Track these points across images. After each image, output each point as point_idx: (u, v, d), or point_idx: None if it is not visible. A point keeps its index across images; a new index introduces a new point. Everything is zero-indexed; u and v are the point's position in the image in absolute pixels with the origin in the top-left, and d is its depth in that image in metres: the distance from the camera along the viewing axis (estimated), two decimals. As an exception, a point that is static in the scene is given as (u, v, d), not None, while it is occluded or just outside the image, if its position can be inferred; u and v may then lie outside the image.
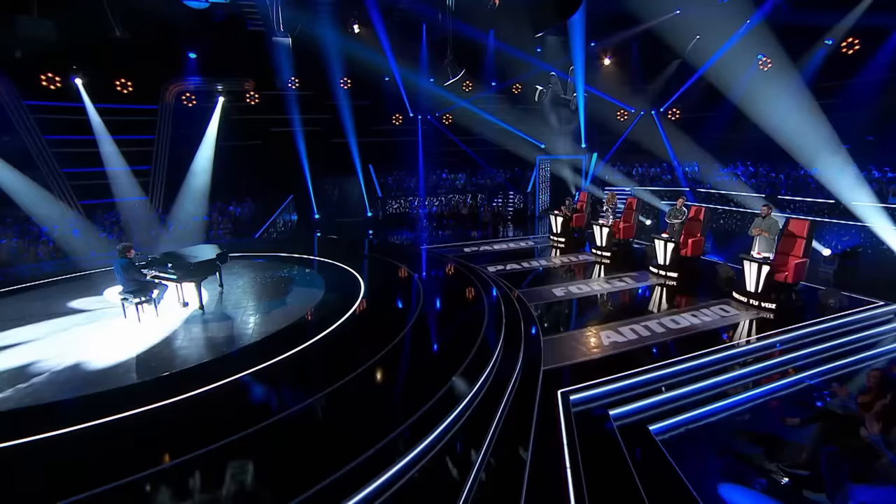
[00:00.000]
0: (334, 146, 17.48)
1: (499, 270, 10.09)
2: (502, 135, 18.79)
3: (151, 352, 6.09)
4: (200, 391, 5.08)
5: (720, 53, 13.80)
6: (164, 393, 5.00)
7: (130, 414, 4.67)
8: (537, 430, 4.53)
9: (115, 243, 12.31)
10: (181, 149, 14.98)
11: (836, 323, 6.96)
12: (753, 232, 7.68)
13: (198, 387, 5.12)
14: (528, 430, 4.52)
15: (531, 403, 4.94)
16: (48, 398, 5.01)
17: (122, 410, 4.70)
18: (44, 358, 5.98)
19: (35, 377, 5.49)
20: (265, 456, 4.08)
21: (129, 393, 5.10)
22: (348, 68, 16.32)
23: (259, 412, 4.77)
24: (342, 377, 5.33)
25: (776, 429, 4.82)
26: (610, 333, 6.72)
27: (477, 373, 5.42)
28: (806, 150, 12.28)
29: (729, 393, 5.48)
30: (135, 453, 4.16)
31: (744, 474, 4.25)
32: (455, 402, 4.84)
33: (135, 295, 6.80)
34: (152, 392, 5.05)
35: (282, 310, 7.46)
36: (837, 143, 11.70)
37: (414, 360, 6.03)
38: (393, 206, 17.89)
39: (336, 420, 4.74)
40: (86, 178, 13.66)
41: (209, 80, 15.17)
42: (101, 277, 9.62)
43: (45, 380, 5.42)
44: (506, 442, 4.34)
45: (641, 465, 4.18)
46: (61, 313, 7.65)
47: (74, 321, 7.30)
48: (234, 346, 6.23)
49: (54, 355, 6.04)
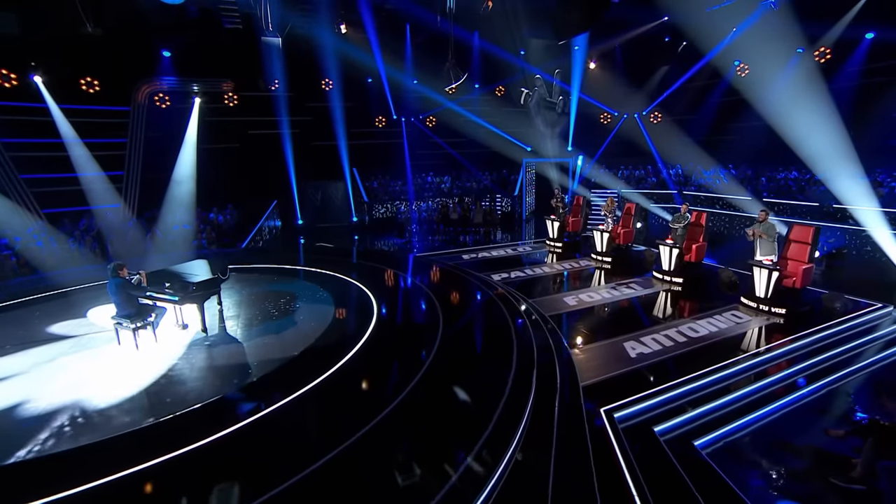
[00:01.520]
0: (316, 149, 16.91)
1: (504, 278, 9.96)
2: (488, 137, 18.73)
3: (160, 384, 5.55)
4: (230, 430, 4.62)
5: (707, 58, 14.14)
6: (186, 436, 4.50)
7: (152, 464, 4.16)
8: (594, 451, 4.40)
9: (90, 255, 11.57)
10: (156, 152, 14.08)
11: (846, 326, 7.20)
12: (749, 233, 7.84)
13: (226, 424, 4.67)
14: (586, 450, 4.40)
15: (580, 426, 4.79)
16: (48, 449, 4.40)
17: (140, 461, 4.15)
18: (33, 397, 5.34)
19: (27, 423, 4.86)
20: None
21: (144, 437, 4.59)
22: (330, 69, 15.80)
23: (295, 451, 4.40)
24: (376, 412, 4.96)
25: (818, 440, 4.88)
26: (634, 344, 6.68)
27: (523, 398, 5.23)
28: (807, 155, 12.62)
29: (762, 402, 5.52)
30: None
31: (795, 489, 4.25)
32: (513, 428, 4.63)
33: (131, 319, 6.23)
34: (173, 435, 4.57)
35: (294, 330, 7.00)
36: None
37: (461, 381, 5.76)
38: (380, 210, 17.47)
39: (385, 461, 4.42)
40: (50, 185, 12.60)
41: (185, 80, 14.32)
42: (79, 296, 8.85)
43: (39, 424, 4.81)
44: (568, 466, 4.17)
45: (699, 485, 4.11)
46: (41, 340, 6.94)
47: (59, 349, 6.61)
48: (251, 374, 5.78)
49: (46, 394, 5.41)
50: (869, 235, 10.32)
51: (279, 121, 16.03)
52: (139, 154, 13.91)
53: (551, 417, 4.88)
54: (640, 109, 17.64)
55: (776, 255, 7.71)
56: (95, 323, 7.45)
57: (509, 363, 6.00)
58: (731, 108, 15.52)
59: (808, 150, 11.98)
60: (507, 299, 8.45)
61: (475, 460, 4.19)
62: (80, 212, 12.75)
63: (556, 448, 4.42)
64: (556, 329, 7.11)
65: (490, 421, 4.74)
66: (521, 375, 5.68)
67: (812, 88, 12.21)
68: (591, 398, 5.29)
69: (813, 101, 12.12)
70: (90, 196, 12.97)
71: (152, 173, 13.93)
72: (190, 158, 14.26)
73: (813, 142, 11.82)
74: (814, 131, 11.85)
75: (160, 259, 11.11)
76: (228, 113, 15.55)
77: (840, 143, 11.15)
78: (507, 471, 4.13)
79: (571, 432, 4.66)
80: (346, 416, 4.91)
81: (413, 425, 4.79)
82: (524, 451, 4.38)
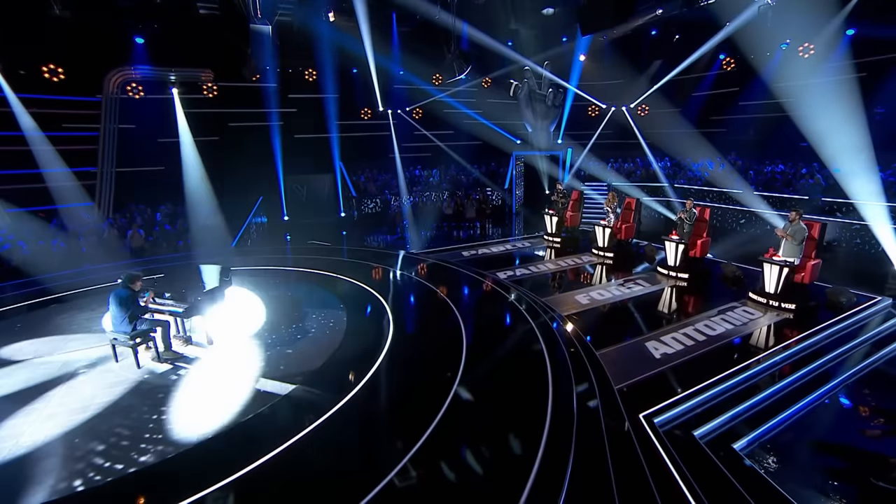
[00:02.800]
0: (300, 142, 16.25)
1: (510, 276, 9.81)
2: (477, 129, 18.45)
3: (161, 415, 5.10)
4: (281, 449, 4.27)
5: (699, 52, 14.25)
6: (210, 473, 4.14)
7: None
8: (647, 462, 4.31)
9: (63, 258, 10.68)
10: (131, 146, 13.19)
11: (855, 319, 7.40)
12: (778, 233, 7.93)
13: (271, 445, 4.31)
14: (637, 458, 4.33)
15: (626, 435, 4.69)
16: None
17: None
18: (26, 432, 4.84)
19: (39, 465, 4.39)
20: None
21: (163, 475, 4.21)
22: (315, 59, 15.16)
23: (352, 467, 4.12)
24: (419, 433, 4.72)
25: (853, 439, 4.94)
26: (656, 344, 6.65)
27: (567, 412, 5.09)
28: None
29: (791, 401, 5.58)
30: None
31: (837, 489, 4.27)
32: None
33: (130, 335, 5.70)
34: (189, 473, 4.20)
35: (309, 339, 6.62)
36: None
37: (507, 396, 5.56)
38: (368, 205, 17.00)
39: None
40: (11, 182, 11.60)
41: (160, 69, 13.40)
42: (63, 306, 8.16)
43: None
44: (624, 475, 4.06)
45: (750, 490, 4.07)
46: (24, 359, 6.32)
47: (46, 371, 6.03)
48: (278, 389, 5.40)
49: (41, 429, 4.91)
50: (859, 228, 10.63)
51: (262, 113, 15.29)
52: (112, 148, 12.99)
53: (598, 428, 4.77)
54: (630, 101, 17.75)
55: (799, 259, 7.81)
56: (87, 337, 6.85)
57: (544, 377, 5.86)
58: (721, 100, 15.82)
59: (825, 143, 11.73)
60: (528, 303, 8.30)
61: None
62: (49, 211, 11.81)
63: (610, 457, 4.33)
64: (580, 333, 6.99)
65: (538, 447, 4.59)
66: (560, 390, 5.55)
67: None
68: (629, 403, 5.22)
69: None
70: (57, 194, 12.03)
71: (128, 168, 13.05)
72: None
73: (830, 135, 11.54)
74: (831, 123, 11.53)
75: (138, 263, 10.42)
76: (208, 104, 14.70)
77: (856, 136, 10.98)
78: (567, 484, 3.99)
79: (618, 441, 4.57)
80: (386, 440, 4.65)
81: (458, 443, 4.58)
82: (576, 456, 4.25)
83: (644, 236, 12.20)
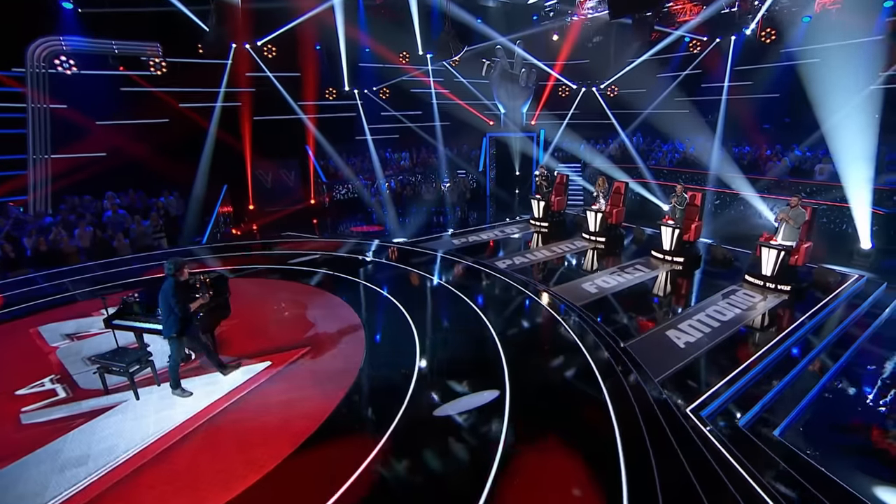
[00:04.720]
0: (261, 125, 14.96)
1: (509, 266, 9.59)
2: (449, 109, 17.85)
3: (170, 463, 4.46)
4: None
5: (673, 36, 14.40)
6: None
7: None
8: (714, 459, 4.29)
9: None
10: (68, 129, 11.50)
11: (846, 295, 7.92)
12: (780, 216, 8.18)
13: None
14: (701, 452, 4.33)
15: (683, 430, 4.65)
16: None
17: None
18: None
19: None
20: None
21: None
22: (275, 33, 13.88)
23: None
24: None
25: (876, 419, 5.23)
26: (677, 333, 6.72)
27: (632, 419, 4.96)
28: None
29: (814, 379, 5.88)
30: None
31: (874, 467, 4.51)
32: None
33: (128, 364, 4.87)
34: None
35: (322, 362, 5.99)
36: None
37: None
38: (340, 191, 16.08)
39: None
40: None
41: (96, 41, 11.68)
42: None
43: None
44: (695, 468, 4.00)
45: (804, 474, 4.18)
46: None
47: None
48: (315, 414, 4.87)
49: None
50: (827, 208, 11.24)
51: (217, 92, 13.87)
52: (45, 131, 11.26)
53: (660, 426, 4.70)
54: (600, 82, 17.84)
55: (796, 242, 8.10)
56: (62, 360, 5.87)
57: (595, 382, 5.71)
58: (691, 81, 16.24)
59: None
60: (549, 298, 8.13)
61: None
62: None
63: (684, 455, 4.29)
64: (607, 329, 6.89)
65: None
66: (616, 393, 5.42)
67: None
68: (672, 397, 5.21)
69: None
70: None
71: (67, 154, 11.41)
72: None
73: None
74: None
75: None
76: (155, 82, 13.08)
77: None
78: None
79: (682, 439, 4.52)
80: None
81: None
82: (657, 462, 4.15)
83: (628, 218, 12.34)
